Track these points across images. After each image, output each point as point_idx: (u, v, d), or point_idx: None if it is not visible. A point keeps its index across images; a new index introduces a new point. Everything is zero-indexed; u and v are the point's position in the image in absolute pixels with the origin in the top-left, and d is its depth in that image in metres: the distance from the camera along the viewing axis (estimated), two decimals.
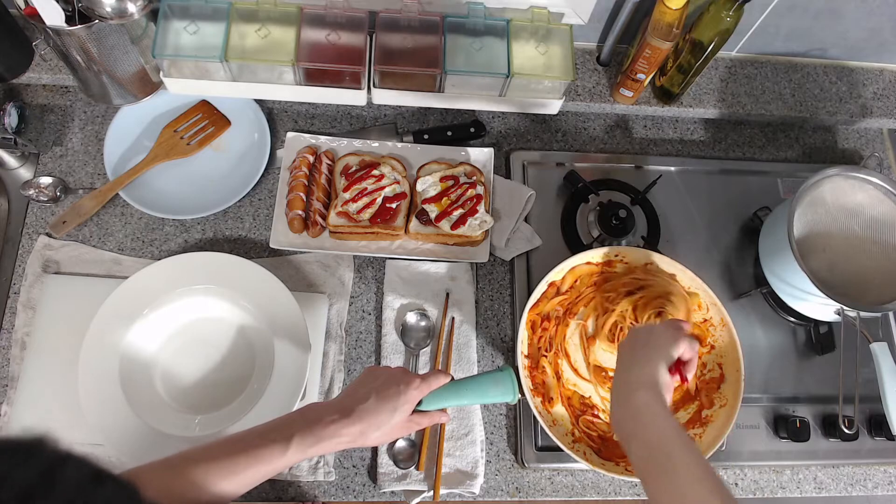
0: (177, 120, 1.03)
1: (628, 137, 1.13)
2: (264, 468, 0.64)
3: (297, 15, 0.95)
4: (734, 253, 1.06)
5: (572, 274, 0.94)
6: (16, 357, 0.90)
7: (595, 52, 1.13)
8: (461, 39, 0.98)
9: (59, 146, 1.02)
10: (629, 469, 0.84)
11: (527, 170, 1.07)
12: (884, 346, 0.88)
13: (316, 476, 0.88)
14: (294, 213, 0.96)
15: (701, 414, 0.88)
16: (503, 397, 0.77)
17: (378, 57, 0.95)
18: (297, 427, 0.66)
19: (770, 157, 1.15)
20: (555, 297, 0.94)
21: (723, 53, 1.14)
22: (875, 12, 1.03)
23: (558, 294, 0.94)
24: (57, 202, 0.98)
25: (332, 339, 0.95)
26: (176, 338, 0.92)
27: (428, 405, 0.76)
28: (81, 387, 0.84)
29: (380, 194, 0.97)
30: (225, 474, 0.62)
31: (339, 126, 1.08)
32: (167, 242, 0.98)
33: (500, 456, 0.92)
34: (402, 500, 0.89)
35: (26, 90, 1.05)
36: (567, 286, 0.94)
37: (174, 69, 0.97)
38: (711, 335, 0.92)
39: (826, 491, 0.96)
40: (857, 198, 0.95)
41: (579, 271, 0.95)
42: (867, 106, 1.15)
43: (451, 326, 0.97)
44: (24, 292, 0.93)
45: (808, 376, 1.00)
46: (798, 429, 0.95)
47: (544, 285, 0.92)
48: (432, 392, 0.75)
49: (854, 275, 0.91)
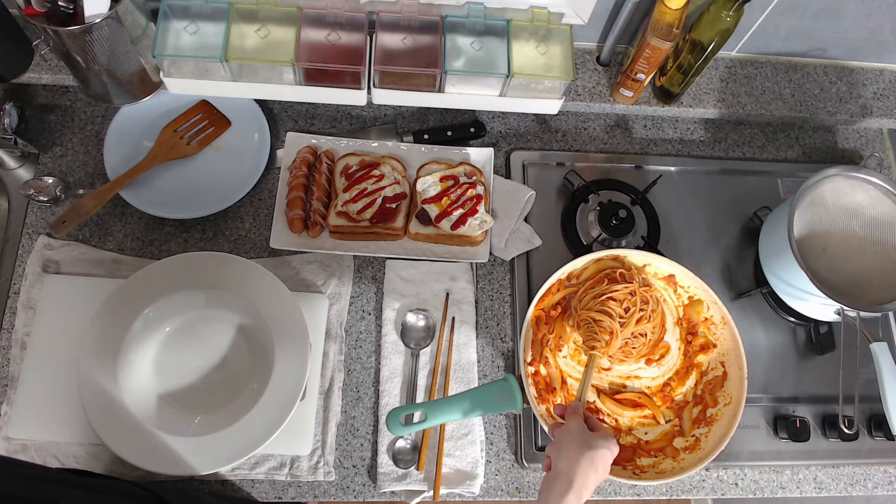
0: (177, 120, 1.03)
1: (628, 137, 1.13)
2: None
3: (297, 15, 0.95)
4: (734, 253, 1.06)
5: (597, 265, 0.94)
6: (16, 357, 0.90)
7: (595, 52, 1.13)
8: (461, 39, 0.98)
9: (59, 146, 1.02)
10: (636, 473, 0.84)
11: (527, 170, 1.07)
12: (884, 346, 0.88)
13: (316, 476, 0.88)
14: (294, 213, 0.96)
15: (706, 413, 0.88)
16: (508, 407, 0.78)
17: (378, 57, 0.95)
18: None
19: (770, 157, 1.15)
20: (558, 292, 0.93)
21: (723, 53, 1.14)
22: (875, 12, 1.03)
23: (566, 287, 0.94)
24: (57, 202, 0.98)
25: (332, 339, 0.95)
26: (176, 338, 0.92)
27: (433, 420, 0.76)
28: (81, 387, 0.84)
29: (380, 194, 0.97)
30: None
31: (339, 126, 1.08)
32: (167, 242, 0.98)
33: (500, 456, 0.92)
34: (402, 500, 0.89)
35: (26, 90, 1.05)
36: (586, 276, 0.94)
37: (174, 69, 0.97)
38: (713, 334, 0.92)
39: (826, 491, 0.96)
40: (857, 198, 0.95)
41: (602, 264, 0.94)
42: (867, 106, 1.15)
43: (451, 326, 0.97)
44: (24, 292, 0.93)
45: (808, 376, 1.00)
46: (798, 429, 0.95)
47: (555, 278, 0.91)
48: (437, 407, 0.75)
49: (854, 275, 0.91)
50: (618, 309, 0.86)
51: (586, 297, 0.89)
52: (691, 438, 0.87)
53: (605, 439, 0.73)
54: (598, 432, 0.75)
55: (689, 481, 0.94)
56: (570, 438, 0.73)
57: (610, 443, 0.74)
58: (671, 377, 0.92)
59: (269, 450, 0.88)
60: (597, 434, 0.74)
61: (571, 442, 0.73)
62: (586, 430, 0.75)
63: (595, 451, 0.71)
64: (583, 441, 0.72)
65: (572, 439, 0.73)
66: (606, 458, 0.72)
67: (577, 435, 0.73)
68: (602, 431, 0.76)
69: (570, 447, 0.72)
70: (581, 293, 0.91)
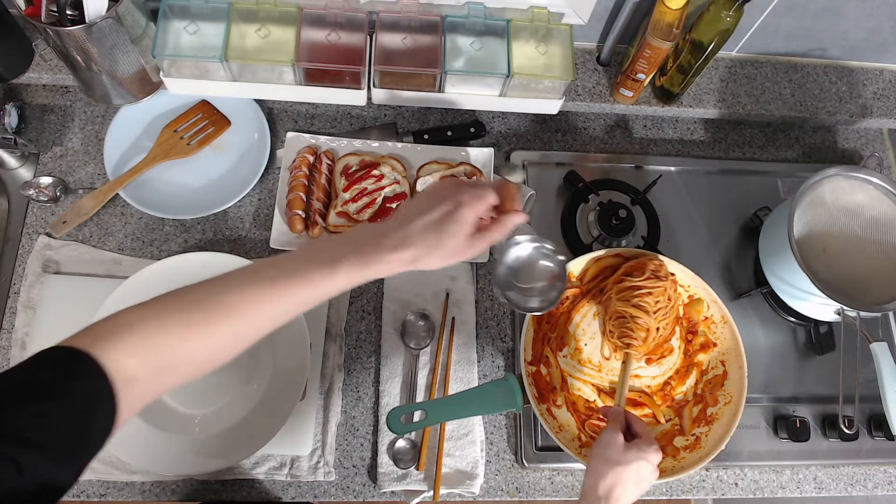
0: (177, 120, 1.03)
1: (628, 137, 1.13)
2: (311, 293, 0.60)
3: (296, 15, 0.95)
4: (734, 253, 1.06)
5: (596, 265, 0.94)
6: (16, 357, 0.90)
7: (595, 52, 1.13)
8: (461, 39, 0.98)
9: (59, 146, 1.02)
10: None
11: (527, 170, 1.07)
12: (884, 346, 0.88)
13: (316, 476, 0.88)
14: (294, 213, 0.96)
15: (706, 412, 0.88)
16: (508, 407, 0.78)
17: (378, 57, 0.95)
18: (343, 250, 0.61)
19: (770, 157, 1.15)
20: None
21: (723, 53, 1.14)
22: (875, 12, 1.03)
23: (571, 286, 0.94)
24: (57, 202, 0.98)
25: (332, 339, 0.95)
26: None
27: (433, 420, 0.76)
28: None
29: (380, 194, 0.97)
30: (275, 293, 0.59)
31: (339, 126, 1.08)
32: (167, 242, 0.98)
33: (500, 456, 0.92)
34: (402, 500, 0.89)
35: (26, 90, 1.05)
36: (589, 277, 0.94)
37: (174, 69, 0.97)
38: (713, 333, 0.92)
39: (826, 491, 0.96)
40: (857, 198, 0.95)
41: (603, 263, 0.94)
42: (867, 106, 1.15)
43: (451, 326, 0.97)
44: (24, 292, 0.93)
45: (808, 376, 1.00)
46: (798, 429, 0.95)
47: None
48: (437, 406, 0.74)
49: (854, 275, 0.91)
50: (654, 305, 0.86)
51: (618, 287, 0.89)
52: (691, 437, 0.87)
53: (639, 451, 0.70)
54: (637, 441, 0.72)
55: (689, 481, 0.94)
56: (601, 453, 0.71)
57: (648, 453, 0.70)
58: (671, 376, 0.92)
59: (269, 450, 0.88)
60: (633, 445, 0.71)
61: (602, 457, 0.70)
62: (619, 443, 0.71)
63: (626, 466, 0.69)
64: (614, 456, 0.70)
65: (603, 454, 0.71)
66: (643, 470, 0.69)
67: (610, 449, 0.71)
68: (642, 439, 0.72)
69: (600, 462, 0.70)
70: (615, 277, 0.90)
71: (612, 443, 0.71)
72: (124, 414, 0.52)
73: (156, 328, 0.55)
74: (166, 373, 0.56)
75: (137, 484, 0.87)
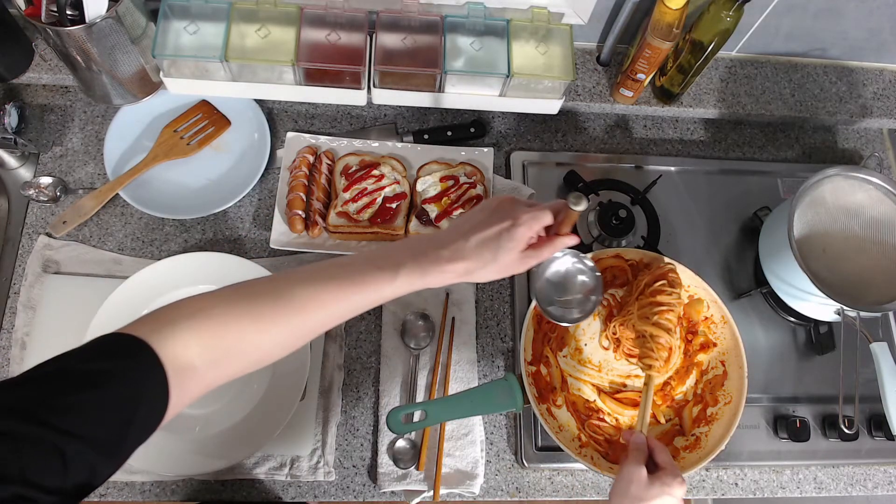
0: (177, 120, 1.03)
1: (628, 137, 1.13)
2: (372, 295, 0.62)
3: (297, 15, 0.95)
4: (734, 253, 1.06)
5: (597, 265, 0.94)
6: (16, 357, 0.90)
7: (595, 52, 1.13)
8: (461, 39, 0.98)
9: (59, 146, 1.02)
10: None
11: (527, 170, 1.07)
12: (884, 346, 0.88)
13: (316, 476, 0.88)
14: (294, 213, 0.96)
15: (706, 412, 0.88)
16: (508, 407, 0.78)
17: (378, 57, 0.95)
18: (403, 257, 0.63)
19: (770, 157, 1.15)
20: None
21: (723, 53, 1.14)
22: (875, 12, 1.03)
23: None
24: (57, 202, 0.98)
25: (332, 339, 0.95)
26: None
27: (433, 420, 0.76)
28: None
29: (380, 194, 0.97)
30: (340, 292, 0.61)
31: (339, 126, 1.08)
32: (167, 242, 0.98)
33: (500, 456, 0.92)
34: (402, 500, 0.89)
35: (26, 90, 1.05)
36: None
37: (174, 69, 0.97)
38: (713, 333, 0.92)
39: (826, 491, 0.96)
40: (857, 198, 0.95)
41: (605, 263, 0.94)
42: (867, 106, 1.15)
43: (451, 326, 0.97)
44: (24, 292, 0.93)
45: (808, 376, 1.00)
46: (798, 429, 0.95)
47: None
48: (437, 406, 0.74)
49: (854, 275, 0.91)
50: (674, 322, 0.85)
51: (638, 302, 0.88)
52: (691, 437, 0.87)
53: (663, 485, 0.68)
54: (660, 473, 0.70)
55: (689, 481, 0.94)
56: (623, 489, 0.69)
57: (672, 487, 0.68)
58: (671, 376, 0.92)
59: (269, 450, 0.88)
60: (656, 479, 0.69)
61: (624, 494, 0.69)
62: (643, 478, 0.69)
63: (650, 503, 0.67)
64: (637, 492, 0.68)
65: (626, 490, 0.69)
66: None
67: (633, 486, 0.69)
68: (666, 471, 0.71)
69: (623, 500, 0.68)
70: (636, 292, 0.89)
71: (635, 478, 0.70)
72: (175, 406, 0.53)
73: (223, 318, 0.56)
74: (224, 363, 0.57)
75: (137, 484, 0.87)
